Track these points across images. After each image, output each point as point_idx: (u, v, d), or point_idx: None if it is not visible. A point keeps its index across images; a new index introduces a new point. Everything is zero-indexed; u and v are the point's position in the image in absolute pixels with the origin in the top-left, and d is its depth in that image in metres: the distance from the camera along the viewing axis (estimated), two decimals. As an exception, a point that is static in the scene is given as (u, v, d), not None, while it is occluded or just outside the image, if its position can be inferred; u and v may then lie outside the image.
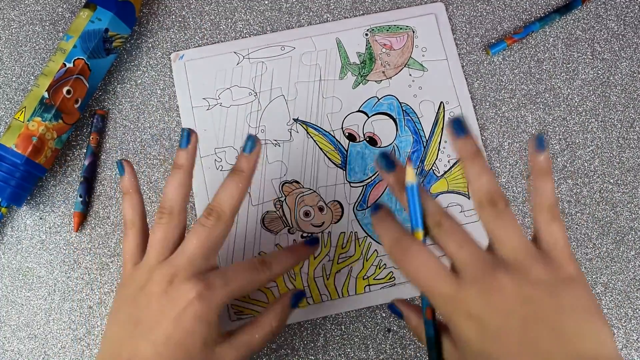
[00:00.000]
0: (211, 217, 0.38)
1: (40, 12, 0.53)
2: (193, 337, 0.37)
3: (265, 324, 0.40)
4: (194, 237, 0.38)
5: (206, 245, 0.38)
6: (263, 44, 0.53)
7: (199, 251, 0.38)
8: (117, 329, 0.39)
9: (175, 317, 0.37)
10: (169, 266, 0.38)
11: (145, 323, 0.38)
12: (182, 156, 0.40)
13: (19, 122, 0.46)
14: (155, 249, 0.39)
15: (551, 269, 0.32)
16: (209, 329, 0.38)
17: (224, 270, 0.39)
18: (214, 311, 0.38)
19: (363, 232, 0.49)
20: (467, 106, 0.52)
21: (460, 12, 0.54)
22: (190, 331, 0.37)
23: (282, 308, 0.41)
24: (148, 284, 0.38)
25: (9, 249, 0.49)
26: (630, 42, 0.54)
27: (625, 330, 0.49)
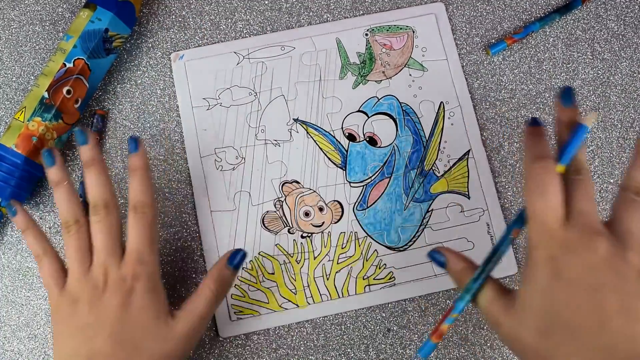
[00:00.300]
0: (100, 211, 0.42)
1: (40, 12, 0.53)
2: (145, 313, 0.40)
3: (205, 290, 0.42)
4: (98, 233, 0.41)
5: (112, 233, 0.42)
6: (263, 44, 0.53)
7: (110, 242, 0.41)
8: (66, 343, 0.40)
9: (123, 302, 0.40)
10: (97, 267, 0.41)
11: (93, 325, 0.40)
12: (54, 173, 0.43)
13: (19, 122, 0.46)
14: (77, 259, 0.41)
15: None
16: (158, 300, 0.41)
17: (129, 245, 0.42)
18: (155, 278, 0.41)
19: (363, 232, 0.49)
20: (467, 106, 0.52)
21: (460, 12, 0.54)
22: (141, 308, 0.40)
23: (219, 270, 0.43)
24: (83, 294, 0.41)
25: (9, 249, 0.49)
26: (630, 42, 0.54)
27: (625, 330, 0.49)
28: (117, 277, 0.40)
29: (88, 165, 0.43)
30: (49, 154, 0.43)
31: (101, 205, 0.42)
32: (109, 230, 0.41)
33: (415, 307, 0.49)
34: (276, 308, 0.48)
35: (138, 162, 0.43)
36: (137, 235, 0.42)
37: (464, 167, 0.51)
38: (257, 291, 0.48)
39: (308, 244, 0.49)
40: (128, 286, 0.40)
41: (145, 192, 0.43)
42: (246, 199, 0.50)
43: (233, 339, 0.48)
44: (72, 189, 0.43)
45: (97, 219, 0.42)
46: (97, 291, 0.40)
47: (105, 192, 0.42)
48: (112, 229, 0.42)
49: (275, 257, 0.49)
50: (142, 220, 0.42)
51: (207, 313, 0.42)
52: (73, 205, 0.43)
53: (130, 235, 0.42)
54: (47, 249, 0.43)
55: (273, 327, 0.48)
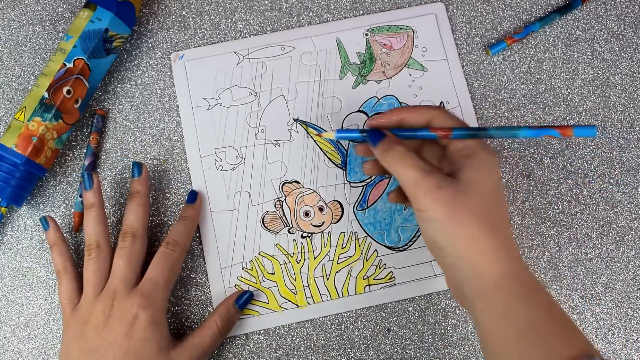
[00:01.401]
0: (127, 239, 0.44)
1: (40, 12, 0.53)
2: (149, 344, 0.42)
3: (211, 325, 0.45)
4: (119, 260, 0.44)
5: (132, 262, 0.44)
6: (263, 44, 0.53)
7: (127, 270, 0.43)
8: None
9: (127, 332, 0.41)
10: (106, 293, 0.43)
11: (98, 350, 0.41)
12: (89, 196, 0.46)
13: (19, 122, 0.46)
14: (91, 282, 0.44)
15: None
16: (161, 333, 0.42)
17: (147, 274, 0.44)
18: (160, 313, 0.43)
19: (363, 232, 0.49)
20: (467, 106, 0.52)
21: (460, 12, 0.54)
22: (144, 339, 0.42)
23: (226, 309, 0.46)
24: (92, 317, 0.42)
25: (9, 249, 0.49)
26: (630, 42, 0.54)
27: (625, 330, 0.49)
28: (124, 304, 0.42)
29: (133, 195, 0.46)
30: (89, 177, 0.46)
31: (129, 234, 0.44)
32: (129, 258, 0.44)
33: (415, 307, 0.49)
34: (276, 308, 0.48)
35: (193, 213, 0.48)
36: (157, 268, 0.44)
37: (464, 167, 0.51)
38: (257, 291, 0.48)
39: (308, 244, 0.49)
40: (133, 314, 0.42)
41: (184, 236, 0.46)
42: (246, 199, 0.50)
43: (233, 339, 0.48)
44: (102, 214, 0.46)
45: (122, 245, 0.44)
46: (103, 316, 0.42)
47: (137, 223, 0.45)
48: (133, 258, 0.44)
49: (275, 257, 0.49)
50: (169, 257, 0.44)
51: (211, 348, 0.45)
52: (100, 229, 0.45)
53: (151, 266, 0.44)
54: (67, 267, 0.45)
55: (273, 327, 0.48)
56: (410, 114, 0.42)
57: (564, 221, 0.51)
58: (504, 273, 0.37)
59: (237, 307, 0.46)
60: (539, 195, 0.51)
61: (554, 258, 0.50)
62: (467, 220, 0.37)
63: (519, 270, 0.37)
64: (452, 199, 0.37)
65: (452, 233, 0.37)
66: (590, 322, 0.49)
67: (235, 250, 0.49)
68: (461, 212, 0.37)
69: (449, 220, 0.37)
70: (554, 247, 0.50)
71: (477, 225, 0.37)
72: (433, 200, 0.37)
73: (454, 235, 0.37)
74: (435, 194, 0.37)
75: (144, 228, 0.45)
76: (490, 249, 0.37)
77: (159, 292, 0.43)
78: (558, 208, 0.51)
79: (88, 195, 0.46)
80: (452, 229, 0.37)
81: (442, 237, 0.38)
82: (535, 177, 0.51)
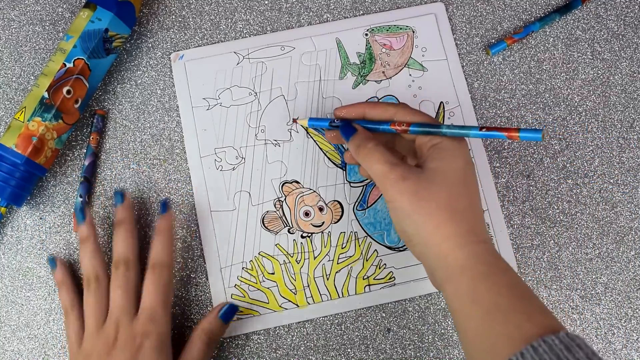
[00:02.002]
0: (120, 268, 0.45)
1: (40, 12, 0.53)
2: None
3: (196, 341, 0.45)
4: (117, 289, 0.44)
5: (129, 291, 0.44)
6: (263, 44, 0.53)
7: (126, 299, 0.44)
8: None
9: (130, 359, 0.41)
10: (110, 324, 0.43)
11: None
12: (83, 230, 0.47)
13: (19, 122, 0.46)
14: (92, 317, 0.44)
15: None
16: (167, 358, 0.43)
17: (143, 303, 0.44)
18: (165, 336, 0.43)
19: (363, 232, 0.49)
20: (467, 106, 0.52)
21: (460, 12, 0.54)
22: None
23: (209, 324, 0.46)
24: (94, 351, 0.42)
25: (9, 249, 0.49)
26: (630, 42, 0.54)
27: (625, 330, 0.49)
28: (128, 334, 0.42)
29: (119, 224, 0.46)
30: (81, 211, 0.47)
31: (122, 262, 0.45)
32: (126, 287, 0.44)
33: (415, 307, 0.49)
34: (276, 308, 0.48)
35: (165, 224, 0.47)
36: (151, 293, 0.44)
37: (464, 167, 0.51)
38: (257, 291, 0.48)
39: (308, 244, 0.49)
40: (137, 343, 0.42)
41: (166, 253, 0.46)
42: (246, 199, 0.50)
43: (233, 339, 0.48)
44: (97, 247, 0.46)
45: (116, 276, 0.44)
46: (107, 347, 0.42)
47: (128, 251, 0.45)
48: (129, 285, 0.44)
49: (275, 257, 0.49)
50: (159, 280, 0.44)
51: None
52: (96, 262, 0.46)
53: (145, 292, 0.44)
54: (75, 305, 0.46)
55: (273, 327, 0.48)
56: (373, 110, 0.44)
57: (564, 221, 0.51)
58: (469, 256, 0.38)
59: (220, 320, 0.46)
60: (539, 195, 0.51)
61: (554, 258, 0.50)
62: (431, 208, 0.39)
63: (484, 252, 0.39)
64: (416, 190, 0.39)
65: (417, 222, 0.39)
66: (590, 322, 0.49)
67: (235, 250, 0.49)
68: (425, 201, 0.39)
69: (414, 209, 0.39)
70: (554, 247, 0.50)
71: (441, 213, 0.39)
72: (399, 191, 0.40)
73: (420, 224, 0.39)
74: (401, 186, 0.40)
75: (135, 255, 0.46)
76: (454, 234, 0.38)
77: (160, 317, 0.43)
78: (558, 208, 0.51)
79: (82, 229, 0.47)
80: (417, 218, 0.39)
81: (410, 226, 0.40)
82: (535, 177, 0.51)
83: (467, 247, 0.38)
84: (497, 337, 0.35)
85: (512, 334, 0.35)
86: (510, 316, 0.36)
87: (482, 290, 0.37)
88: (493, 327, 0.36)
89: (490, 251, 0.39)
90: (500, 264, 0.39)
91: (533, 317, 0.36)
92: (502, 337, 0.35)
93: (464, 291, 0.38)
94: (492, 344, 0.36)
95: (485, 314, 0.37)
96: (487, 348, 0.36)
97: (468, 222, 0.39)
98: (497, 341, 0.35)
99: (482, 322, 0.37)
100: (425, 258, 0.41)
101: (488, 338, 0.36)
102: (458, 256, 0.38)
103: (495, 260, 0.39)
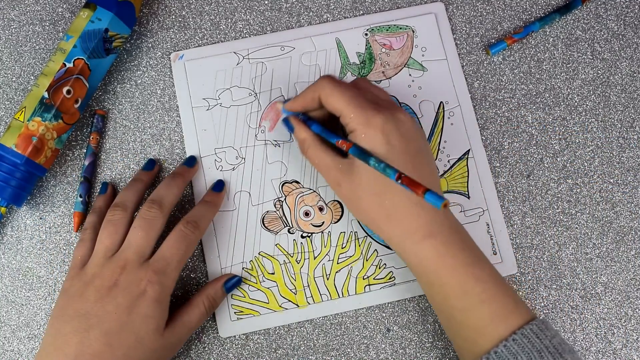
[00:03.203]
0: (154, 209, 0.43)
1: (40, 12, 0.53)
2: (148, 321, 0.41)
3: (199, 305, 0.44)
4: (139, 229, 0.42)
5: (150, 235, 0.43)
6: (263, 44, 0.53)
7: (145, 242, 0.42)
8: (62, 324, 0.41)
9: (129, 305, 0.40)
10: (117, 259, 0.42)
11: (96, 315, 0.40)
12: (142, 175, 0.48)
13: (19, 122, 0.46)
14: (105, 244, 0.42)
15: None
16: (162, 313, 0.42)
17: (161, 251, 0.43)
18: (167, 292, 0.42)
19: (363, 232, 0.49)
20: (467, 106, 0.52)
21: (460, 12, 0.54)
22: (145, 316, 0.40)
23: (215, 291, 0.46)
24: (96, 280, 0.41)
25: (9, 249, 0.49)
26: (630, 42, 0.54)
27: (625, 330, 0.49)
28: (134, 276, 0.41)
29: (176, 174, 0.47)
30: (152, 161, 0.50)
31: (157, 204, 0.44)
32: (149, 230, 0.43)
33: (415, 307, 0.49)
34: (276, 308, 0.48)
35: (217, 200, 0.48)
36: (173, 246, 0.43)
37: (464, 167, 0.51)
38: (257, 291, 0.48)
39: (308, 243, 0.49)
40: (141, 289, 0.41)
41: (205, 219, 0.45)
42: (246, 199, 0.50)
43: (233, 339, 0.48)
44: (143, 190, 0.46)
45: (146, 215, 0.43)
46: (109, 282, 0.41)
47: (169, 196, 0.45)
48: (152, 231, 0.43)
49: (275, 257, 0.49)
50: (186, 236, 0.44)
51: (197, 326, 0.44)
52: (133, 197, 0.45)
53: (166, 242, 0.43)
54: (94, 229, 0.45)
55: (273, 327, 0.48)
56: (300, 104, 0.45)
57: (564, 221, 0.51)
58: (422, 261, 0.41)
59: (224, 290, 0.46)
60: (539, 195, 0.51)
61: (554, 258, 0.50)
62: (366, 207, 0.42)
63: (431, 255, 0.41)
64: (350, 196, 0.42)
65: (362, 220, 0.44)
66: (590, 322, 0.49)
67: (235, 250, 0.49)
68: (359, 203, 0.42)
69: (354, 211, 0.44)
70: (554, 247, 0.50)
71: (377, 218, 0.42)
72: (339, 195, 0.44)
73: (366, 222, 0.43)
74: (338, 191, 0.43)
75: (172, 205, 0.45)
76: (398, 237, 0.42)
77: (171, 271, 0.42)
78: (558, 208, 0.51)
79: (142, 173, 0.48)
80: (360, 217, 0.44)
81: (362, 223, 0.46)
82: (535, 177, 0.51)
83: (414, 250, 0.41)
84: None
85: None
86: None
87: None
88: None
89: (436, 252, 0.41)
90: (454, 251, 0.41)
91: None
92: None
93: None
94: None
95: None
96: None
97: (402, 224, 0.41)
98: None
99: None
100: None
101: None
102: (414, 261, 0.42)
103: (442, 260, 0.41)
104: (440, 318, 0.43)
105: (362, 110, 0.41)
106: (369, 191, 0.41)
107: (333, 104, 0.42)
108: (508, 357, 0.38)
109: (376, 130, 0.40)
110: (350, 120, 0.41)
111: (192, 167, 0.49)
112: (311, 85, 0.44)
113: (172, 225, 0.45)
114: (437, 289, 0.41)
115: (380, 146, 0.40)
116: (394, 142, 0.40)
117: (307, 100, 0.44)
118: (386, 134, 0.40)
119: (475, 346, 0.40)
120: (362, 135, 0.41)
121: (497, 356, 0.38)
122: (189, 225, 0.44)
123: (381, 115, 0.41)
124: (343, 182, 0.42)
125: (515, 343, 0.38)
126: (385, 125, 0.40)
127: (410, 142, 0.41)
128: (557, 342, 0.38)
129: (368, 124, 0.40)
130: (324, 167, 0.43)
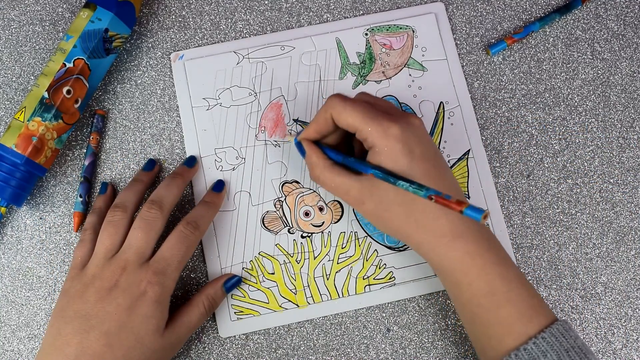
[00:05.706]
0: (153, 210, 0.43)
1: (40, 12, 0.53)
2: (149, 322, 0.41)
3: (199, 305, 0.45)
4: (139, 230, 0.43)
5: (150, 236, 0.43)
6: (263, 44, 0.53)
7: (144, 243, 0.42)
8: (62, 325, 0.41)
9: (130, 306, 0.40)
10: (118, 260, 0.42)
11: (96, 316, 0.40)
12: (143, 175, 0.48)
13: (19, 122, 0.46)
14: (105, 245, 0.43)
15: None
16: (162, 313, 0.42)
17: (162, 251, 0.43)
18: (167, 293, 0.42)
19: (363, 232, 0.49)
20: (467, 106, 0.52)
21: (460, 12, 0.54)
22: (145, 316, 0.41)
23: (215, 291, 0.46)
24: (96, 281, 0.41)
25: (9, 249, 0.49)
26: (630, 42, 0.54)
27: (625, 330, 0.49)
28: (135, 277, 0.41)
29: (176, 174, 0.47)
30: (152, 161, 0.50)
31: (157, 205, 0.44)
32: (149, 231, 0.43)
33: (415, 307, 0.49)
34: (276, 308, 0.48)
35: (217, 200, 0.48)
36: (173, 247, 0.43)
37: (464, 167, 0.51)
38: (257, 291, 0.48)
39: (308, 244, 0.49)
40: (141, 290, 0.41)
41: (205, 220, 0.45)
42: (246, 199, 0.50)
43: (233, 339, 0.48)
44: (143, 191, 0.46)
45: (146, 216, 0.43)
46: (109, 283, 0.41)
47: (169, 197, 0.45)
48: (152, 232, 0.43)
49: (275, 257, 0.49)
50: (187, 238, 0.44)
51: (197, 326, 0.45)
52: (133, 197, 0.45)
53: (167, 243, 0.43)
54: (94, 229, 0.45)
55: (273, 327, 0.48)
56: (314, 129, 0.44)
57: (564, 221, 0.51)
58: (447, 255, 0.41)
59: (224, 290, 0.46)
60: (539, 195, 0.51)
61: (554, 258, 0.50)
62: (394, 219, 0.42)
63: (459, 258, 0.41)
64: (375, 212, 0.42)
65: (388, 232, 0.44)
66: (590, 322, 0.49)
67: (235, 250, 0.49)
68: (386, 216, 0.42)
69: (380, 225, 0.43)
70: (554, 247, 0.50)
71: (404, 219, 0.41)
72: (362, 212, 0.43)
73: (393, 233, 0.43)
74: (361, 209, 0.43)
75: (172, 206, 0.45)
76: (422, 242, 0.42)
77: (171, 272, 0.42)
78: (558, 208, 0.51)
79: (142, 173, 0.48)
80: (387, 230, 0.43)
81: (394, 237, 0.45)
82: (535, 177, 0.51)
83: (444, 252, 0.41)
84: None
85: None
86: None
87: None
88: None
89: (467, 252, 0.40)
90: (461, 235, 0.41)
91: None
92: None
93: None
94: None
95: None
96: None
97: (432, 228, 0.41)
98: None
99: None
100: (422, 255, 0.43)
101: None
102: (438, 255, 0.42)
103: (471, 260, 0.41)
104: (463, 317, 0.43)
105: (378, 122, 0.40)
106: (395, 203, 0.41)
107: (347, 120, 0.41)
108: (538, 354, 0.38)
109: (396, 140, 0.40)
110: (368, 134, 0.40)
111: (192, 167, 0.49)
112: (321, 108, 0.43)
113: (173, 225, 0.46)
114: (465, 288, 0.41)
115: (402, 157, 0.40)
116: (413, 149, 0.40)
117: (320, 124, 0.43)
118: (405, 142, 0.40)
119: (501, 344, 0.39)
120: (384, 148, 0.40)
121: (526, 353, 0.38)
122: (189, 225, 0.44)
123: (397, 124, 0.40)
124: (367, 200, 0.42)
125: (544, 341, 0.38)
126: (403, 134, 0.40)
127: (427, 146, 0.42)
128: (581, 343, 0.39)
129: (386, 135, 0.40)
130: (342, 190, 0.43)
